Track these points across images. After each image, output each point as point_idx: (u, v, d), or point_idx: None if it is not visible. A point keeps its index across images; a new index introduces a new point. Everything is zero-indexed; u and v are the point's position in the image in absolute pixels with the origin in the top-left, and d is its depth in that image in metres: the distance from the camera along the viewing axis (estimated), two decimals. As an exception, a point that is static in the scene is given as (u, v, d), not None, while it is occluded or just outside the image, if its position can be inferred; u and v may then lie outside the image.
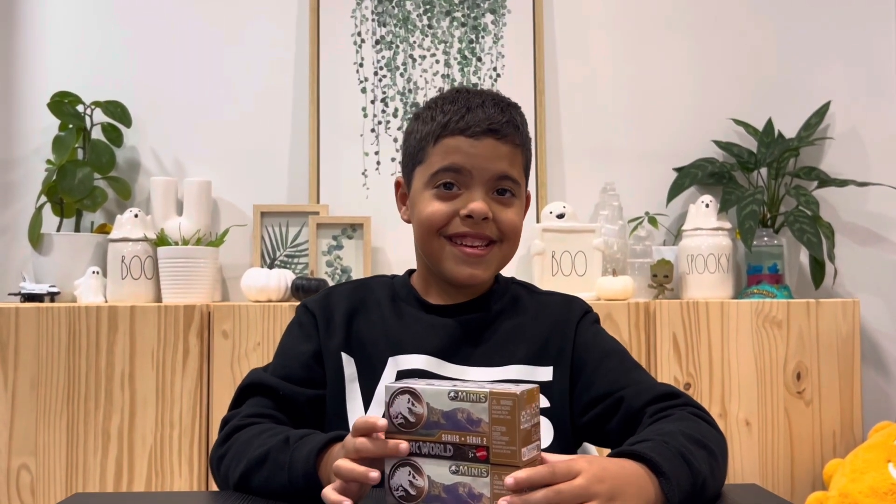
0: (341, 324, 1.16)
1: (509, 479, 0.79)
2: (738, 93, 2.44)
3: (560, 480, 0.81)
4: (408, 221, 1.20)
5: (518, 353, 1.14)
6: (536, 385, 0.85)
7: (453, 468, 0.83)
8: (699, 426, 1.01)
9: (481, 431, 0.81)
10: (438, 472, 0.83)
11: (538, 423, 0.84)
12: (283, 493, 0.97)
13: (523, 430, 0.81)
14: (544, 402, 1.11)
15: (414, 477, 0.84)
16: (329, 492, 0.88)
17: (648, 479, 0.87)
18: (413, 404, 0.84)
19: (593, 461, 0.85)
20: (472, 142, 1.11)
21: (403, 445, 0.84)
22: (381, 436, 0.85)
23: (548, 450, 0.94)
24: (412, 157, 1.17)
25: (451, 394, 0.82)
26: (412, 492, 0.84)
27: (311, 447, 0.95)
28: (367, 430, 0.86)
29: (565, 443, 1.12)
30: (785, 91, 2.44)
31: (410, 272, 1.25)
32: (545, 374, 1.13)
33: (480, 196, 1.11)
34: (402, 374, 1.11)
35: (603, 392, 1.11)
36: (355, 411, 1.12)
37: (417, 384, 0.85)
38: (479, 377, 1.12)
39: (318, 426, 1.11)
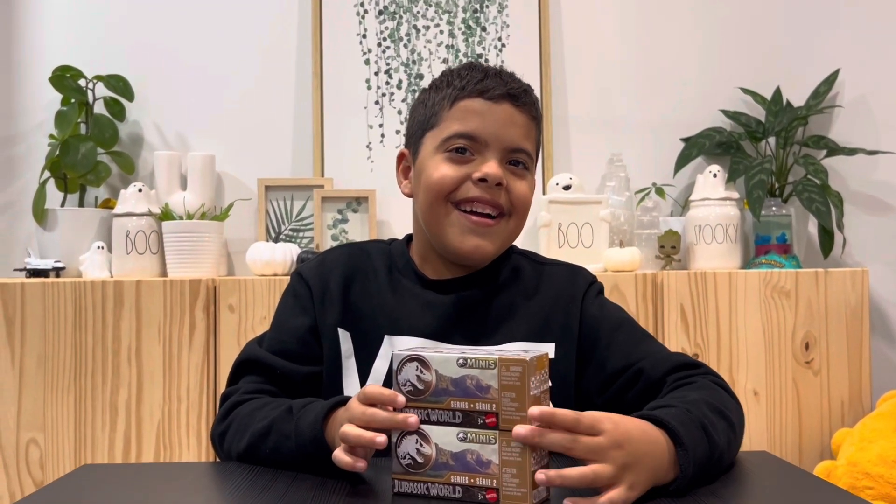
0: (338, 295, 1.14)
1: (534, 410, 0.78)
2: (746, 61, 2.41)
3: (582, 431, 0.80)
4: (409, 195, 1.17)
5: (518, 331, 1.12)
6: (546, 352, 0.84)
7: (461, 435, 0.82)
8: (721, 396, 1.01)
9: (490, 398, 0.81)
10: (446, 439, 0.83)
11: (548, 390, 0.84)
12: (292, 460, 0.97)
13: (533, 395, 0.80)
14: None
15: (421, 445, 0.84)
16: (341, 454, 0.87)
17: (666, 449, 0.86)
18: (422, 372, 0.83)
19: (619, 424, 0.83)
20: (489, 105, 1.09)
21: (413, 419, 0.83)
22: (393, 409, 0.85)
23: None
24: (422, 123, 1.13)
25: (460, 360, 0.82)
26: (419, 459, 0.84)
27: (316, 413, 0.94)
28: (377, 401, 0.86)
29: None
30: (793, 59, 2.41)
31: (409, 238, 1.21)
32: (547, 351, 1.12)
33: (495, 162, 1.08)
34: None
35: (620, 367, 1.09)
36: (351, 388, 1.10)
37: (425, 351, 0.84)
38: None
39: None
